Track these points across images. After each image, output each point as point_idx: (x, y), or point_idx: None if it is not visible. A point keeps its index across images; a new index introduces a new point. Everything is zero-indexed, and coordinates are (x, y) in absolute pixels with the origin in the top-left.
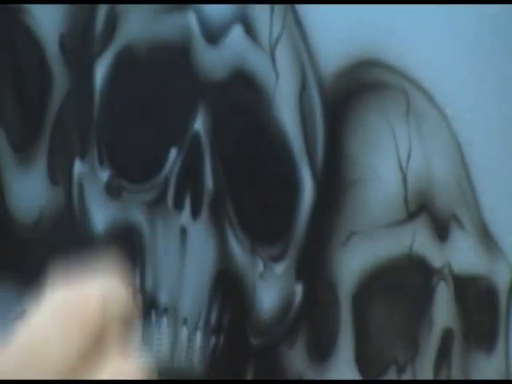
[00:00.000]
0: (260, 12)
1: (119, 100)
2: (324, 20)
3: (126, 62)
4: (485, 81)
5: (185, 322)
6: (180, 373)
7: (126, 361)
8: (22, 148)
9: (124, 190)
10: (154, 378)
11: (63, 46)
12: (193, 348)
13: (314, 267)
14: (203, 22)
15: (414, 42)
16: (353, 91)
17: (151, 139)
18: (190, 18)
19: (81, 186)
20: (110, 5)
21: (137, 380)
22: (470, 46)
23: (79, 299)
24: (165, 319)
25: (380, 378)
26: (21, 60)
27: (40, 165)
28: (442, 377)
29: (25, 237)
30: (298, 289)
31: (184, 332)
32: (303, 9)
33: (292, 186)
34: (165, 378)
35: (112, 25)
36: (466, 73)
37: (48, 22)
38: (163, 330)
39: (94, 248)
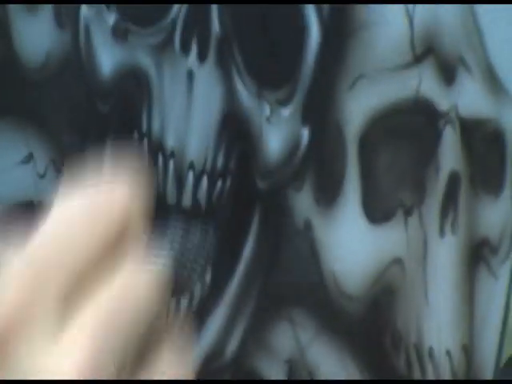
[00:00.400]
0: None
1: None
2: None
3: None
4: None
5: (191, 165)
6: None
7: (142, 265)
8: None
9: (130, 33)
10: (166, 283)
11: None
12: (199, 192)
13: (320, 111)
14: None
15: None
16: None
17: None
18: None
19: (87, 29)
20: None
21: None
22: None
23: (105, 198)
24: (171, 163)
25: (386, 222)
26: None
27: (47, 8)
28: (449, 220)
29: (32, 79)
30: (305, 132)
31: (190, 176)
32: None
33: (298, 30)
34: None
35: None
36: None
37: None
38: (170, 175)
39: (101, 91)
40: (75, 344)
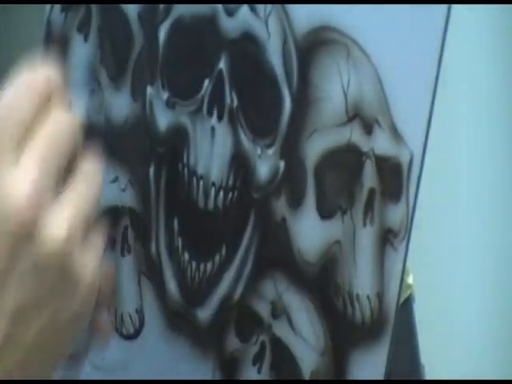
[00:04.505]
0: None
1: (174, 50)
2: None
3: (178, 27)
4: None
5: (213, 184)
6: None
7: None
8: (116, 79)
9: (177, 104)
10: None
11: (140, 17)
12: (218, 200)
13: (291, 151)
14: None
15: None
16: (314, 44)
17: (194, 74)
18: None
19: (151, 102)
20: None
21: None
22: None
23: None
24: (201, 183)
25: (331, 218)
26: (115, 25)
27: (126, 88)
28: (368, 217)
29: (117, 133)
30: (282, 164)
31: (213, 190)
32: None
33: (277, 102)
34: None
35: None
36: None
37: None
38: (200, 190)
39: (159, 140)
40: (26, 165)
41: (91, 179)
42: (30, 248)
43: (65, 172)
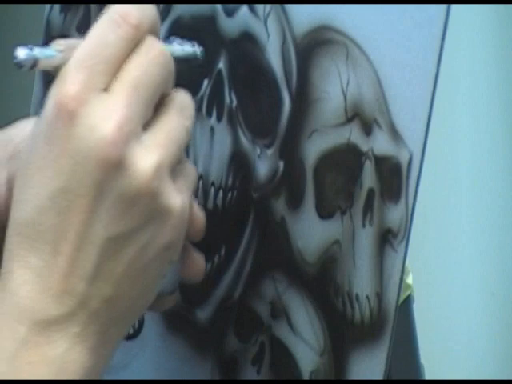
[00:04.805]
0: None
1: None
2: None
3: (177, 27)
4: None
5: (212, 183)
6: None
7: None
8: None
9: None
10: None
11: None
12: (217, 199)
13: (290, 151)
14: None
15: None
16: (314, 44)
17: (193, 74)
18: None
19: None
20: None
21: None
22: None
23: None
24: (200, 182)
25: (330, 218)
26: None
27: None
28: (368, 217)
29: None
30: (281, 164)
31: (212, 190)
32: None
33: (277, 102)
34: None
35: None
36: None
37: None
38: (200, 189)
39: None
40: (117, 92)
41: (184, 110)
42: (119, 179)
43: (157, 105)
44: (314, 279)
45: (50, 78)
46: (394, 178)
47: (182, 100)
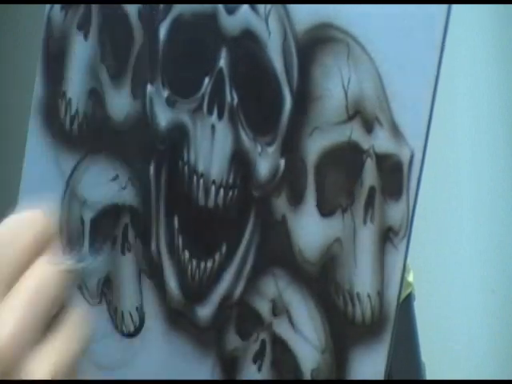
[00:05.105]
0: None
1: (174, 48)
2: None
3: (178, 25)
4: None
5: (213, 182)
6: None
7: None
8: (116, 77)
9: (177, 102)
10: None
11: (140, 16)
12: (218, 198)
13: (292, 149)
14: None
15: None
16: (315, 42)
17: (194, 72)
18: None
19: (151, 100)
20: None
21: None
22: None
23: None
24: (201, 181)
25: (331, 216)
26: (115, 24)
27: (127, 86)
28: (369, 215)
29: (117, 129)
30: (282, 162)
31: (213, 188)
32: None
33: (278, 99)
34: None
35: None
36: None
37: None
38: (200, 188)
39: (159, 137)
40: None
41: (76, 331)
42: None
43: (51, 322)
44: (315, 277)
45: (50, 77)
46: (395, 176)
47: (75, 321)
